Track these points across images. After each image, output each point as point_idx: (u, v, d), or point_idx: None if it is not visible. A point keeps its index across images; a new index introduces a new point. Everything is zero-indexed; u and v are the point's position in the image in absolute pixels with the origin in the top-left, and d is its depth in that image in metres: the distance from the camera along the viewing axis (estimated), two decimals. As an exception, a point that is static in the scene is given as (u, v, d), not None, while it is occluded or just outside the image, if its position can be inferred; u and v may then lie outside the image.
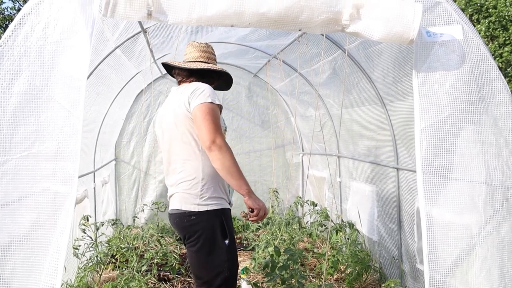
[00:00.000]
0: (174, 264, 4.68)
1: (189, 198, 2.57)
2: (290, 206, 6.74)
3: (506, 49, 13.00)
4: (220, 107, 2.62)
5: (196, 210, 2.56)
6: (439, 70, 2.39)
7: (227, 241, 2.59)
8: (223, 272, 2.58)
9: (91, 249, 4.34)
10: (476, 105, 2.38)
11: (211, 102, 2.52)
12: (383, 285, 4.35)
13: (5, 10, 15.57)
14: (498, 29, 13.76)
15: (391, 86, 3.92)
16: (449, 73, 2.38)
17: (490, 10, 13.17)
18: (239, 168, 2.48)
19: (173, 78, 6.51)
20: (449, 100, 2.36)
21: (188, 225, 2.58)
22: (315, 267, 4.98)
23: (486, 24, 13.24)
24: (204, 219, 2.56)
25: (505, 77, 12.40)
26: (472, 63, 2.41)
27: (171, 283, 4.61)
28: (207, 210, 2.56)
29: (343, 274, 4.65)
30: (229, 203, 2.71)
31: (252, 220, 2.57)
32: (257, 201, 2.51)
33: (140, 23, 3.80)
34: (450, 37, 2.41)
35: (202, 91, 2.56)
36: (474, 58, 2.42)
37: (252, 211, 2.55)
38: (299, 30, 2.30)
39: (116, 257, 4.81)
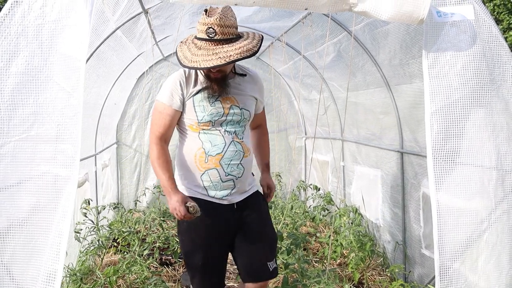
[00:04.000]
0: (176, 248, 4.65)
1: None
2: (293, 190, 6.71)
3: (511, 33, 12.86)
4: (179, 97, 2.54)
5: None
6: (450, 51, 2.32)
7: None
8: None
9: (92, 233, 4.31)
10: (487, 87, 2.31)
11: (157, 100, 2.57)
12: (387, 270, 4.33)
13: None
14: (503, 13, 13.61)
15: (398, 69, 3.84)
16: (460, 55, 2.31)
17: (496, -7, 13.04)
18: (158, 166, 2.52)
19: (175, 61, 6.49)
20: (460, 82, 2.29)
21: None
22: (318, 251, 4.96)
23: (491, 7, 13.09)
24: None
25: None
26: (483, 44, 2.33)
27: (173, 267, 4.59)
28: None
29: (346, 259, 4.63)
30: (210, 195, 2.59)
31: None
32: (169, 202, 2.48)
33: (141, 2, 3.71)
34: (461, 17, 2.34)
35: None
36: (486, 39, 2.35)
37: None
38: (306, 9, 2.23)
39: (118, 241, 4.79)
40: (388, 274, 4.26)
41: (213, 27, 2.30)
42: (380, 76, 4.13)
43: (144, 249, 4.34)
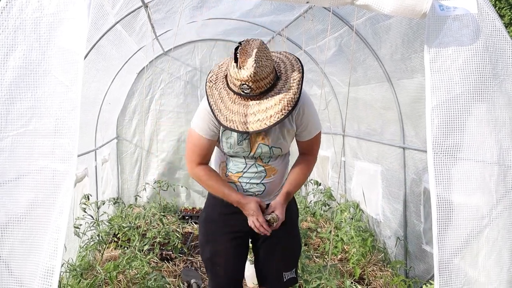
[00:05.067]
0: (177, 243, 4.65)
1: None
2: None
3: (512, 29, 12.80)
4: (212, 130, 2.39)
5: None
6: (452, 45, 2.29)
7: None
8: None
9: (92, 228, 4.30)
10: (490, 82, 2.29)
11: (193, 129, 2.42)
12: (388, 265, 4.32)
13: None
14: (505, 8, 13.53)
15: (399, 63, 3.82)
16: (462, 49, 2.28)
17: (498, -13, 12.97)
18: (215, 184, 2.42)
19: (175, 56, 6.47)
20: (462, 77, 2.26)
21: None
22: (319, 247, 4.95)
23: (493, 2, 13.02)
24: None
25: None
26: (486, 38, 2.31)
27: (173, 262, 4.59)
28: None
29: (347, 254, 4.62)
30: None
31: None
32: (245, 213, 2.39)
33: (140, -4, 3.69)
34: (464, 11, 2.31)
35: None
36: (489, 33, 2.32)
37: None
38: (307, 3, 2.21)
39: (118, 236, 4.79)
40: (389, 270, 4.26)
41: (247, 83, 2.08)
42: (381, 71, 4.10)
43: (145, 244, 4.33)
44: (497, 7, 13.54)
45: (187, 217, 6.18)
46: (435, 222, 2.21)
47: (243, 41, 2.15)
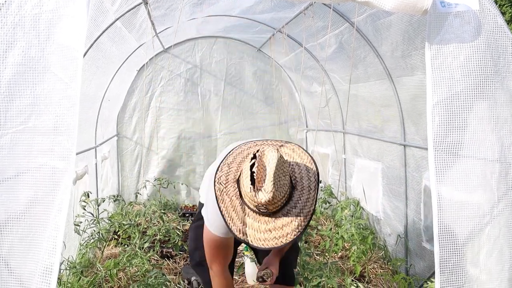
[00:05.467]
0: (177, 240, 4.65)
1: None
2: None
3: (512, 26, 12.76)
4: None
5: None
6: (453, 42, 2.28)
7: None
8: None
9: (92, 225, 4.30)
10: (491, 79, 2.28)
11: (210, 232, 2.39)
12: (388, 263, 4.32)
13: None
14: (506, 5, 13.49)
15: (400, 61, 3.81)
16: (464, 46, 2.27)
17: (499, -16, 12.93)
18: None
19: (175, 53, 6.46)
20: (463, 74, 2.25)
21: None
22: (319, 244, 4.94)
23: (494, -1, 12.97)
24: None
25: None
26: (488, 35, 2.29)
27: (173, 260, 4.59)
28: None
29: (347, 252, 4.61)
30: None
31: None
32: None
33: (141, -7, 3.68)
34: (465, 7, 2.29)
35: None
36: (490, 30, 2.30)
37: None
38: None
39: (118, 233, 4.78)
40: (390, 267, 4.25)
41: (265, 206, 1.93)
42: (382, 68, 4.09)
43: (145, 242, 4.33)
44: (498, 4, 13.50)
45: (187, 215, 6.18)
46: (436, 220, 2.20)
47: (258, 152, 1.98)
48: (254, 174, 1.92)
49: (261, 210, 1.95)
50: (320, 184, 5.87)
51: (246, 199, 1.98)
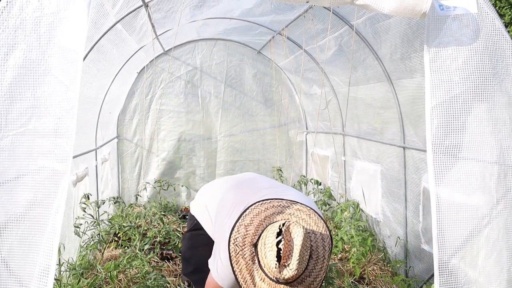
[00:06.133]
0: (177, 242, 4.65)
1: None
2: (294, 185, 6.69)
3: (512, 28, 12.77)
4: None
5: None
6: (452, 45, 2.29)
7: None
8: None
9: (92, 227, 4.30)
10: (489, 82, 2.29)
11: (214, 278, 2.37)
12: (388, 265, 4.32)
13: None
14: (505, 7, 13.49)
15: (399, 63, 3.82)
16: (462, 49, 2.28)
17: (498, -14, 12.93)
18: None
19: (175, 55, 6.47)
20: (462, 76, 2.26)
21: None
22: (318, 246, 4.94)
23: (493, 2, 12.98)
24: None
25: None
26: (486, 38, 2.30)
27: (173, 262, 4.59)
28: None
29: (347, 254, 4.61)
30: None
31: None
32: None
33: (141, -4, 3.69)
34: (463, 10, 2.31)
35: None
36: (489, 33, 2.31)
37: None
38: (307, 2, 2.21)
39: (118, 235, 4.79)
40: (390, 269, 4.25)
41: (287, 280, 1.96)
42: (381, 71, 4.10)
43: (145, 244, 4.33)
44: (497, 7, 13.51)
45: (187, 217, 6.17)
46: (435, 222, 2.21)
47: (283, 226, 1.99)
48: (281, 252, 1.93)
49: (279, 281, 1.97)
50: (320, 186, 5.88)
51: (266, 269, 2.00)
